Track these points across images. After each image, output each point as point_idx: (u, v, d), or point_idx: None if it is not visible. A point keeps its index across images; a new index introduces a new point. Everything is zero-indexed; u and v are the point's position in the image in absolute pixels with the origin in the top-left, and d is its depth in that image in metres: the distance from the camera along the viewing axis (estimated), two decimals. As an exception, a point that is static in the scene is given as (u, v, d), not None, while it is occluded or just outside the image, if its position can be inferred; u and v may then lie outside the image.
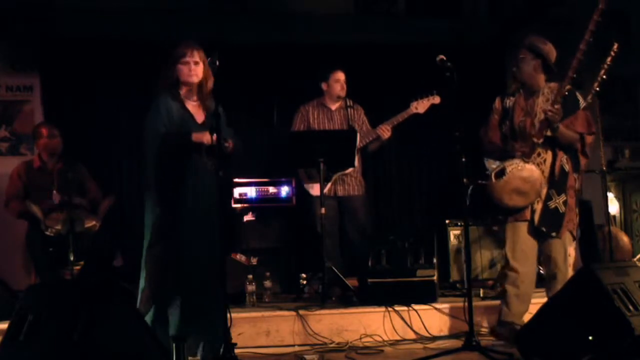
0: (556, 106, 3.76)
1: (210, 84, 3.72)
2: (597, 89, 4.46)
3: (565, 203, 3.89)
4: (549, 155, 3.90)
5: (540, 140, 3.85)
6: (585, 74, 3.89)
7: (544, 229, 3.89)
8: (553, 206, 3.89)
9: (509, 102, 4.02)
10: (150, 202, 3.64)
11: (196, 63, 3.65)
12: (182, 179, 3.60)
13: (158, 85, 3.72)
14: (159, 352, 3.05)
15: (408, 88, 5.38)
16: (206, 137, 3.53)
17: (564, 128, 3.82)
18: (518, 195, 3.85)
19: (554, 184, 3.90)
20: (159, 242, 3.59)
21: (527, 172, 3.84)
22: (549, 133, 3.83)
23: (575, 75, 3.74)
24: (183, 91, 3.71)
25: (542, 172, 3.88)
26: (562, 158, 3.92)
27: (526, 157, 3.87)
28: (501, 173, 3.87)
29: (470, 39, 6.13)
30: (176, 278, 3.55)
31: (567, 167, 3.93)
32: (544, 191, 3.89)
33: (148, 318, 3.57)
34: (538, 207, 3.90)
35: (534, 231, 3.93)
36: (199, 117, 3.70)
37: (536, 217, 3.90)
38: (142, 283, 3.64)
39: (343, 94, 5.11)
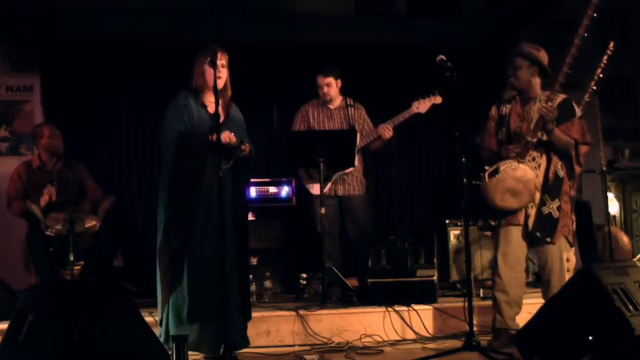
0: (549, 103, 3.75)
1: (230, 90, 3.75)
2: (594, 87, 4.48)
3: (559, 209, 3.88)
4: (543, 160, 3.90)
5: (534, 140, 3.84)
6: (583, 73, 3.89)
7: (538, 235, 3.88)
8: (547, 211, 3.88)
9: (505, 109, 4.02)
10: (164, 202, 3.65)
11: (222, 66, 3.67)
12: (197, 178, 3.60)
13: (184, 85, 3.77)
14: (159, 352, 3.05)
15: (408, 88, 5.38)
16: (223, 136, 3.54)
17: (559, 131, 3.82)
18: (511, 196, 3.84)
19: (548, 190, 3.89)
20: (171, 243, 3.59)
21: (520, 172, 3.83)
22: (544, 137, 3.83)
23: (569, 72, 3.73)
24: (206, 93, 3.73)
25: (537, 176, 3.87)
26: (557, 164, 3.91)
27: (520, 157, 3.86)
28: (495, 172, 3.86)
29: (470, 39, 6.13)
30: (189, 277, 3.57)
31: (561, 173, 3.92)
32: (538, 196, 3.88)
33: (165, 316, 3.59)
34: (532, 212, 3.89)
35: (527, 236, 3.92)
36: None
37: (530, 222, 3.89)
38: (158, 282, 3.66)
39: (327, 98, 5.08)
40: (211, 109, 3.71)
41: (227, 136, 3.56)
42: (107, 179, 5.59)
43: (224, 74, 3.68)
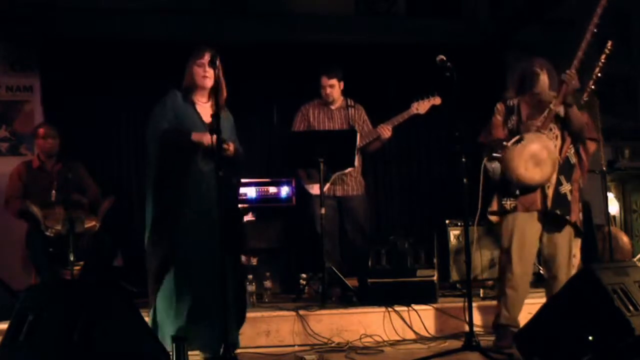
0: (572, 70, 3.79)
1: (224, 91, 3.74)
2: (593, 87, 4.50)
3: (571, 192, 3.92)
4: (559, 142, 3.92)
5: (558, 108, 3.84)
6: (582, 73, 3.91)
7: (558, 212, 3.88)
8: (563, 192, 3.91)
9: (512, 102, 4.02)
10: (150, 201, 3.64)
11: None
12: (181, 177, 3.59)
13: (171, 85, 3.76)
14: (159, 352, 3.05)
15: (408, 88, 5.38)
16: (206, 137, 3.54)
17: (575, 108, 3.85)
18: (535, 165, 3.80)
19: (563, 170, 3.92)
20: (158, 242, 3.59)
21: (545, 140, 3.84)
22: (561, 112, 3.83)
23: (583, 57, 3.79)
24: (196, 93, 3.73)
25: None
26: (571, 150, 3.96)
27: (542, 129, 3.86)
28: (518, 141, 3.82)
29: (470, 39, 6.13)
30: (176, 277, 3.56)
31: (573, 160, 3.97)
32: (555, 177, 3.89)
33: (151, 317, 3.59)
34: (549, 192, 3.90)
35: (543, 220, 3.92)
36: (207, 117, 3.70)
37: (549, 202, 3.89)
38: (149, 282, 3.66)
39: (329, 99, 5.08)
40: (199, 108, 3.71)
41: (210, 137, 3.56)
42: (107, 179, 5.60)
43: (210, 74, 3.67)
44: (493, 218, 4.06)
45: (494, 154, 3.87)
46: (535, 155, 3.81)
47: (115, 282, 4.59)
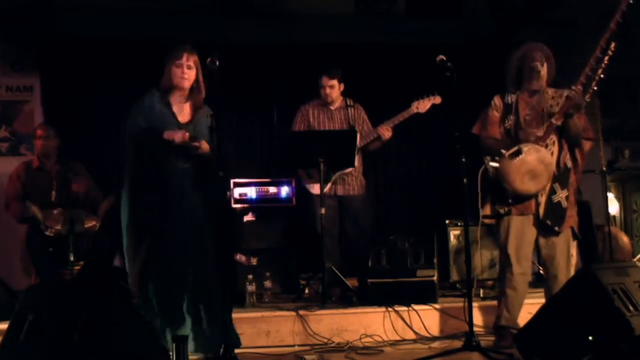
0: (578, 86, 3.80)
1: (203, 91, 3.71)
2: (595, 88, 4.49)
3: (567, 198, 3.91)
4: (555, 149, 3.92)
5: (559, 122, 3.84)
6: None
7: (548, 222, 3.88)
8: (556, 200, 3.90)
9: (510, 98, 4.02)
10: (126, 201, 3.62)
11: (189, 67, 3.66)
12: (158, 177, 3.57)
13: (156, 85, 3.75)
14: (159, 352, 3.05)
15: (408, 88, 5.37)
16: (177, 135, 3.53)
17: (576, 119, 3.85)
18: (530, 178, 3.81)
19: (558, 178, 3.91)
20: (137, 246, 3.56)
21: (543, 153, 3.84)
22: (559, 123, 3.84)
23: (590, 73, 3.82)
24: (174, 93, 3.71)
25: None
26: (567, 155, 3.95)
27: (541, 141, 3.87)
28: (517, 153, 3.83)
29: (470, 39, 6.13)
30: (157, 278, 3.55)
31: (569, 164, 3.96)
32: (548, 185, 3.89)
33: None
34: (542, 199, 3.90)
35: (538, 225, 3.92)
36: (183, 117, 3.69)
37: (541, 210, 3.90)
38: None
39: (328, 99, 5.08)
40: (175, 108, 3.70)
41: (181, 135, 3.55)
42: (107, 179, 5.59)
43: (189, 75, 3.67)
44: (487, 221, 4.07)
45: (491, 163, 3.88)
46: (533, 170, 3.82)
47: (115, 282, 4.59)
